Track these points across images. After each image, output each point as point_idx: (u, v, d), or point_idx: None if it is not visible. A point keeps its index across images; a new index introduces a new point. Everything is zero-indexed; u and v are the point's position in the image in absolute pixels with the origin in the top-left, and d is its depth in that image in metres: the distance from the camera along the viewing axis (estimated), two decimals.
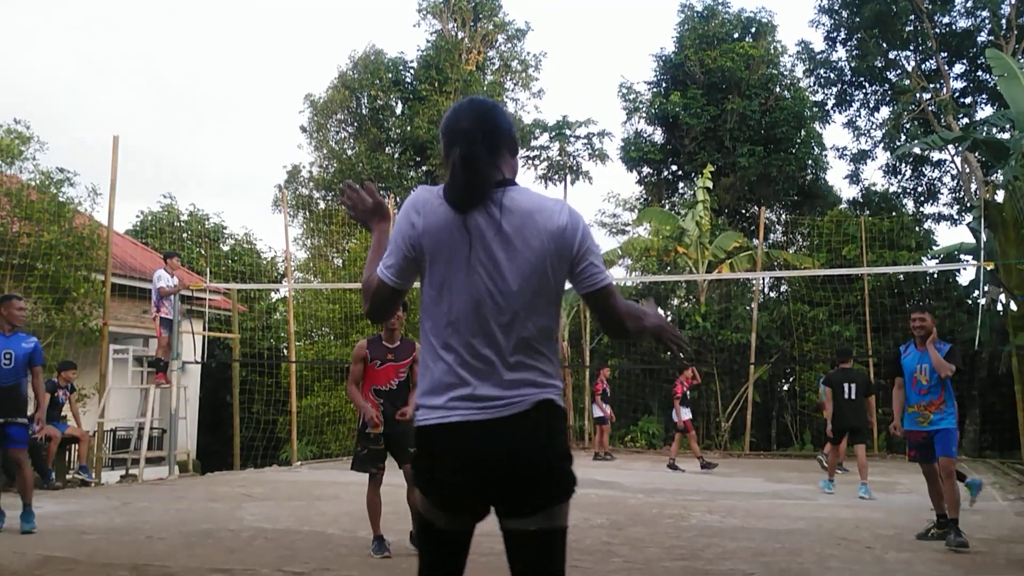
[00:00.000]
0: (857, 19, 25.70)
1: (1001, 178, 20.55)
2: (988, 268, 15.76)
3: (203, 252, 25.32)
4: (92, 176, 31.84)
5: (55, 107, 62.36)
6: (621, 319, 2.68)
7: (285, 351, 21.70)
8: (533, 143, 29.38)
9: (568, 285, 2.63)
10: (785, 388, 23.30)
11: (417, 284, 2.67)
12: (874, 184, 28.36)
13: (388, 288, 2.61)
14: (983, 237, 18.16)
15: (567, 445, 2.60)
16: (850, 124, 28.37)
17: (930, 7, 24.79)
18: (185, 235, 27.16)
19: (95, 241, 14.91)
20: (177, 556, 6.56)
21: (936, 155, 27.14)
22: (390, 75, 29.71)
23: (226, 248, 27.85)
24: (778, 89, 27.37)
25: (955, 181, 27.52)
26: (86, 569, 6.02)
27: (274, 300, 26.80)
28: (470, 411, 2.45)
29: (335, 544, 7.22)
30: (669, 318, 23.28)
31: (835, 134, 69.53)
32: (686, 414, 15.83)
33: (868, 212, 24.15)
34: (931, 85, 26.16)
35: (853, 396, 11.81)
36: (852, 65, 27.27)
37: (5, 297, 8.14)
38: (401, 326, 6.75)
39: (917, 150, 25.89)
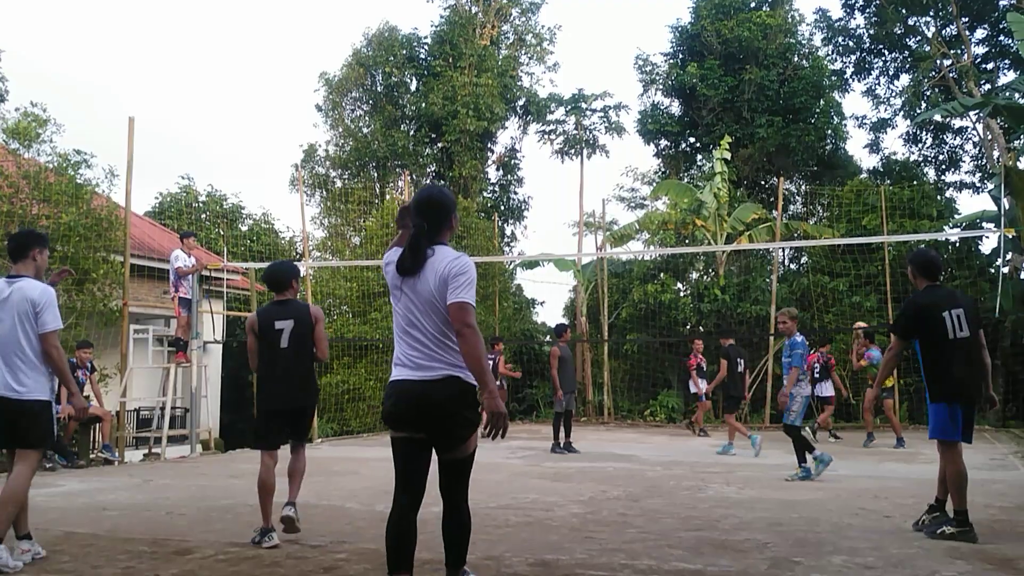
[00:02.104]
0: None
1: (1023, 144, 20.30)
2: (1010, 235, 15.60)
3: (221, 232, 25.43)
4: (109, 158, 31.99)
5: (72, 89, 62.66)
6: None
7: None
8: (549, 117, 29.28)
9: (586, 260, 3.26)
10: None
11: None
12: (894, 153, 28.14)
13: None
14: (1004, 204, 17.96)
15: None
16: (869, 92, 28.13)
17: None
18: (203, 216, 27.27)
19: (113, 222, 15.00)
20: (196, 531, 6.63)
21: (957, 122, 26.81)
22: (404, 52, 29.61)
23: (244, 228, 27.94)
24: (796, 58, 27.11)
25: (977, 148, 27.21)
26: (106, 544, 6.08)
27: None
28: None
29: (352, 517, 7.27)
30: (687, 291, 23.22)
31: (854, 103, 68.80)
32: (703, 384, 16.52)
33: (888, 181, 23.90)
34: (951, 51, 25.78)
35: (741, 369, 13.69)
36: (871, 32, 26.94)
37: None
38: None
39: (938, 117, 25.53)
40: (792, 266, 26.03)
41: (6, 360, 5.44)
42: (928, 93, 26.07)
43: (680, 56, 27.69)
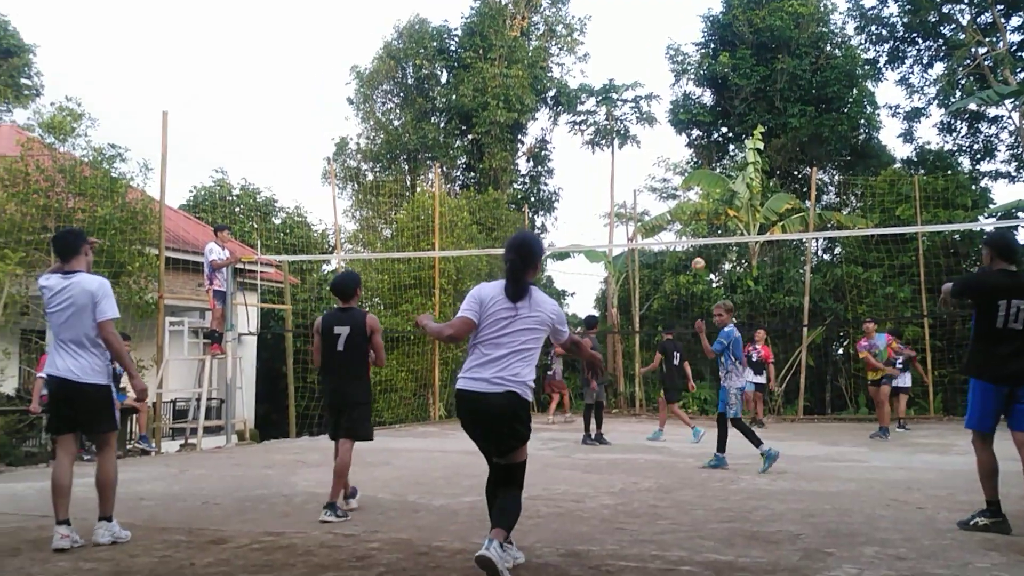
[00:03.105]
0: None
1: None
2: None
3: (255, 226, 25.65)
4: (143, 151, 32.34)
5: (105, 83, 63.35)
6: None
7: None
8: (579, 108, 29.19)
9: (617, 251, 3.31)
10: (839, 352, 23.02)
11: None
12: (928, 142, 27.80)
13: None
14: None
15: None
16: (903, 81, 27.78)
17: None
18: (237, 209, 27.52)
19: (148, 215, 15.18)
20: (231, 521, 6.71)
21: (992, 111, 26.40)
22: (435, 44, 29.66)
23: (277, 221, 28.16)
24: (829, 47, 26.84)
25: (1012, 137, 26.77)
26: (143, 533, 6.18)
27: (325, 272, 27.07)
28: None
29: (385, 507, 7.32)
30: (720, 282, 23.12)
31: (888, 92, 67.98)
32: (749, 374, 16.46)
33: (923, 171, 23.63)
34: (987, 39, 25.40)
35: (677, 362, 14.34)
36: (904, 21, 26.60)
37: None
38: None
39: (973, 106, 25.19)
40: (825, 256, 25.82)
41: (67, 347, 5.84)
42: (963, 81, 25.71)
43: (712, 46, 27.51)
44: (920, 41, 27.19)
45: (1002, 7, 25.11)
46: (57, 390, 5.88)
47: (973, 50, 25.25)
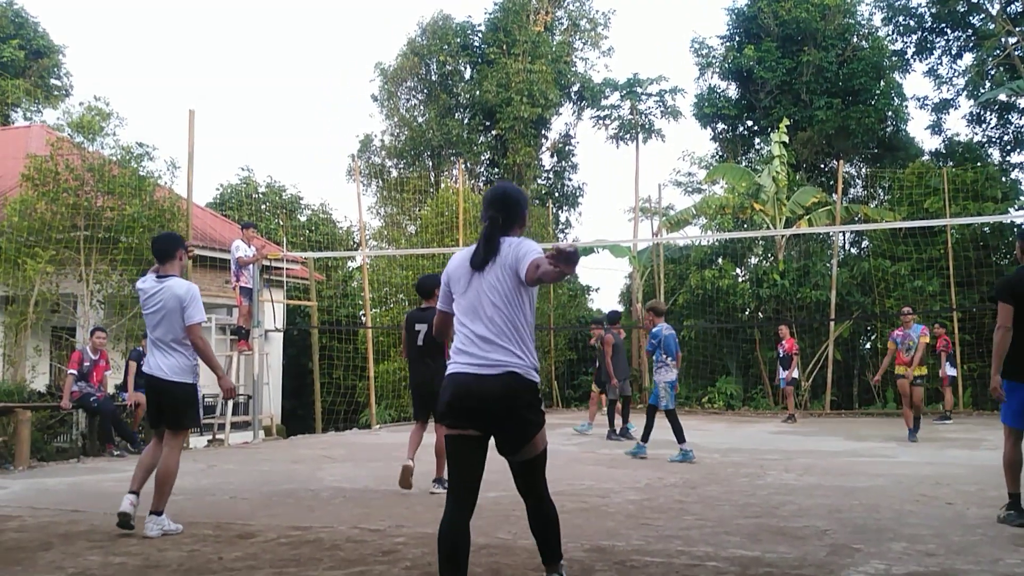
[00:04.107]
0: None
1: None
2: None
3: (281, 223, 25.80)
4: (170, 150, 32.61)
5: (133, 82, 63.89)
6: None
7: (362, 318, 22.05)
8: (603, 102, 29.11)
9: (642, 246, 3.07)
10: (867, 346, 22.84)
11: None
12: (957, 134, 27.47)
13: None
14: None
15: None
16: (931, 73, 27.45)
17: None
18: (263, 206, 27.69)
19: (176, 213, 15.29)
20: (258, 515, 6.77)
21: (1023, 101, 26.05)
22: (458, 40, 29.67)
23: (303, 218, 28.31)
24: (855, 39, 26.58)
25: None
26: None
27: (350, 268, 27.20)
28: None
29: (411, 502, 7.35)
30: (745, 276, 22.99)
31: (915, 83, 67.43)
32: (781, 372, 17.06)
33: (951, 163, 23.37)
34: (1017, 28, 25.06)
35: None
36: (932, 11, 26.28)
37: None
38: None
39: (1003, 96, 24.86)
40: (853, 250, 25.62)
41: (158, 347, 6.24)
42: (992, 72, 25.39)
43: (737, 39, 27.30)
44: (949, 31, 26.87)
45: None
46: (148, 386, 6.34)
47: (1003, 40, 24.91)
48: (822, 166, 27.03)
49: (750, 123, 27.91)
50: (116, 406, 12.41)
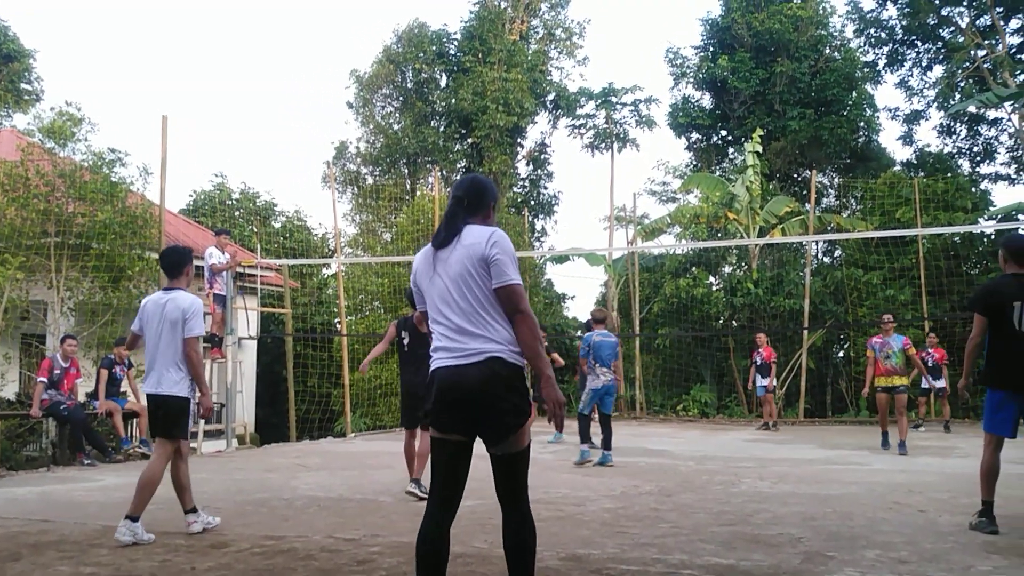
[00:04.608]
0: None
1: None
2: None
3: (255, 230, 25.66)
4: (143, 156, 32.34)
5: (105, 87, 63.41)
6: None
7: (337, 325, 21.96)
8: (578, 111, 29.20)
9: (617, 254, 2.99)
10: (840, 354, 23.03)
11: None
12: (928, 145, 27.83)
13: None
14: None
15: None
16: (902, 84, 27.78)
17: None
18: (237, 213, 27.54)
19: (148, 220, 15.17)
20: (231, 524, 6.70)
21: (992, 113, 26.39)
22: (434, 48, 29.67)
23: (277, 225, 28.18)
24: (828, 50, 26.84)
25: (1012, 139, 26.76)
26: None
27: (325, 276, 27.10)
28: None
29: (386, 511, 7.32)
30: (720, 285, 23.11)
31: (887, 95, 68.12)
32: (758, 380, 16.97)
33: (922, 173, 23.64)
34: (986, 41, 25.40)
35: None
36: (903, 23, 26.60)
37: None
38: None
39: (972, 108, 25.18)
40: (825, 259, 25.82)
41: (158, 360, 6.28)
42: (962, 84, 25.71)
43: (711, 49, 27.49)
44: (919, 44, 27.19)
45: (1001, 9, 25.11)
46: (151, 403, 6.38)
47: (972, 52, 25.25)
48: (795, 176, 27.24)
49: (724, 133, 28.08)
50: (87, 414, 12.27)
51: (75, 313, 15.24)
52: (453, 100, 28.64)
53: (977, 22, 25.82)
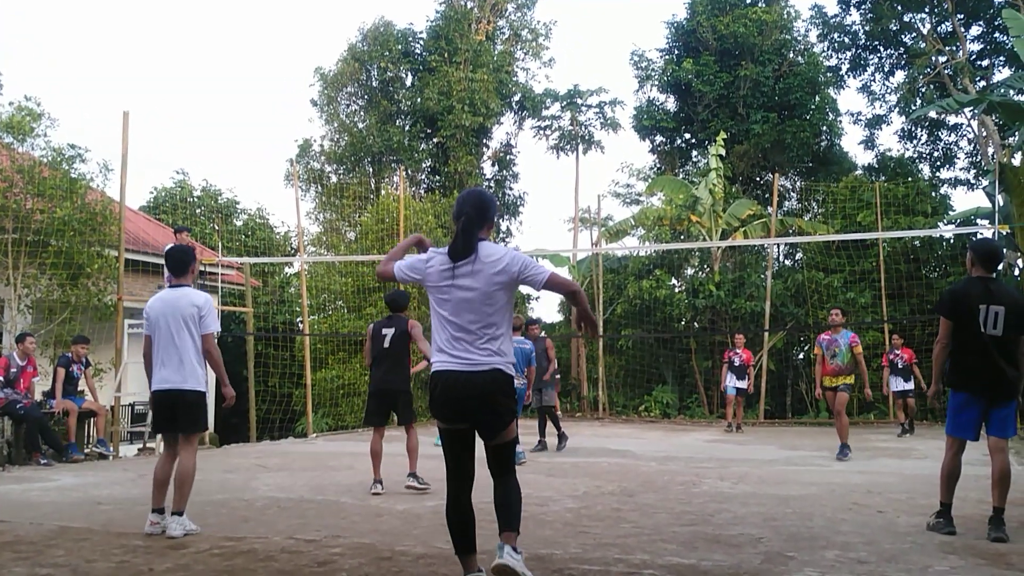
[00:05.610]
0: None
1: (1018, 141, 20.32)
2: (1004, 232, 15.62)
3: (216, 227, 25.41)
4: (103, 152, 31.93)
5: (65, 82, 62.51)
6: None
7: (300, 324, 21.79)
8: (544, 113, 29.22)
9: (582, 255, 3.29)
10: (800, 356, 23.24)
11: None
12: (889, 149, 28.13)
13: None
14: (999, 201, 17.99)
15: None
16: (865, 89, 28.13)
17: None
18: (198, 210, 27.26)
19: (108, 217, 14.97)
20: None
21: (952, 119, 26.80)
22: (400, 47, 29.51)
23: (239, 223, 27.92)
24: (791, 55, 27.09)
25: (972, 145, 27.21)
26: (101, 539, 6.09)
27: (288, 274, 26.89)
28: None
29: (347, 512, 7.27)
30: (682, 287, 23.27)
31: (849, 99, 69.00)
32: (731, 379, 16.81)
33: (883, 178, 23.93)
34: (947, 48, 25.80)
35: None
36: (866, 29, 26.93)
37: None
38: None
39: (933, 114, 25.56)
40: (787, 262, 26.05)
41: (171, 354, 6.42)
42: (923, 90, 26.08)
43: (676, 52, 27.61)
44: (881, 49, 27.54)
45: (962, 17, 25.52)
46: (162, 400, 6.51)
47: (933, 59, 25.64)
48: (758, 179, 27.45)
49: (688, 136, 28.22)
50: (43, 413, 12.08)
51: (32, 311, 15.00)
52: (419, 99, 28.52)
53: (938, 28, 26.23)
